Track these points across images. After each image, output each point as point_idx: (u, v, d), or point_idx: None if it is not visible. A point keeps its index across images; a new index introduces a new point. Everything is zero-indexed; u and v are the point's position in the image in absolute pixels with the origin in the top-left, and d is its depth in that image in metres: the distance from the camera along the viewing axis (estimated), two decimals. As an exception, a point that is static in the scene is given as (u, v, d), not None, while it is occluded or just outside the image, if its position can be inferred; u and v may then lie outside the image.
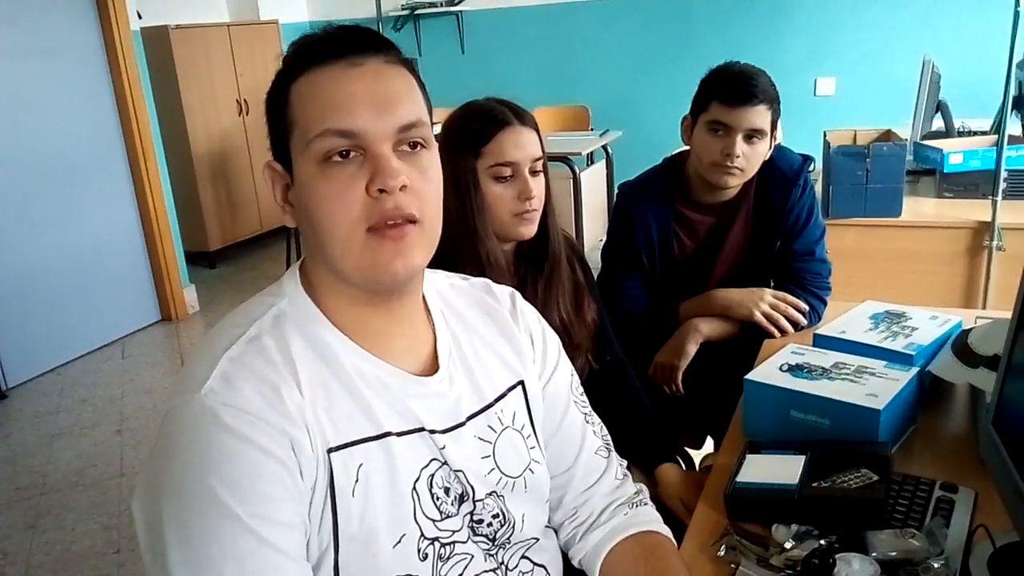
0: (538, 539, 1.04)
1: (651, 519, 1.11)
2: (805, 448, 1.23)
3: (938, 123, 3.22)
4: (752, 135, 1.75)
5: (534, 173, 1.43)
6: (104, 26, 4.12)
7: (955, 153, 2.73)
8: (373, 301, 0.89)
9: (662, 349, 1.89)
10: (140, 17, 4.38)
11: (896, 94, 4.52)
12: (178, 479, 0.78)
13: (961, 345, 1.41)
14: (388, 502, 0.87)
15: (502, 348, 1.04)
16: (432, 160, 0.88)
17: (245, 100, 5.55)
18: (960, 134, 3.17)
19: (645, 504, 1.13)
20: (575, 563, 1.11)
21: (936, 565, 0.98)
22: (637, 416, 1.62)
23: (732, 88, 1.74)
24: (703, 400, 1.88)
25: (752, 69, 1.78)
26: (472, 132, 1.42)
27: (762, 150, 1.78)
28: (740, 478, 1.19)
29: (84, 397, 3.72)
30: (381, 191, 0.82)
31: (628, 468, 1.19)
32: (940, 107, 3.19)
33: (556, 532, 1.13)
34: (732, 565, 1.07)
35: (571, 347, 1.42)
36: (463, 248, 1.38)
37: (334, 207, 0.83)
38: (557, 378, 1.11)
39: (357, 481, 0.85)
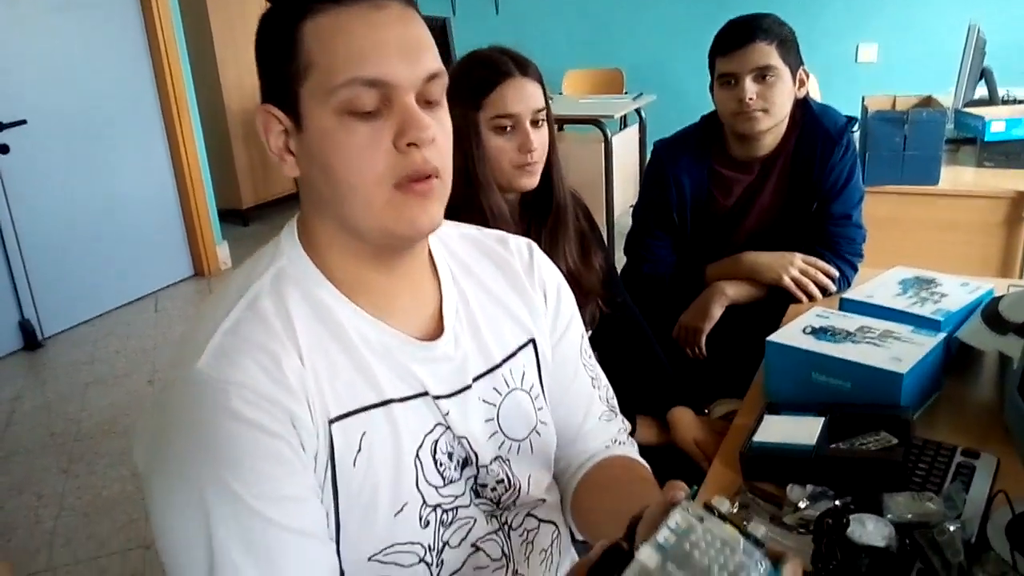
0: (544, 500, 1.02)
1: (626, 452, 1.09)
2: (825, 410, 1.21)
3: (982, 91, 3.13)
4: (762, 73, 1.73)
5: (536, 124, 1.42)
6: (139, -21, 4.13)
7: (997, 121, 2.65)
8: (379, 257, 0.86)
9: (687, 311, 1.87)
10: (175, -29, 4.38)
11: (940, 62, 4.39)
12: (180, 463, 0.77)
13: (991, 312, 1.38)
14: (390, 471, 0.85)
15: (513, 304, 1.00)
16: (447, 114, 0.85)
17: (279, 58, 5.54)
18: (1004, 103, 3.07)
19: (622, 444, 1.11)
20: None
21: (952, 529, 0.96)
22: (648, 361, 1.64)
23: (726, 37, 1.77)
24: (726, 364, 1.86)
25: (751, 14, 1.77)
26: (474, 83, 1.40)
27: (783, 88, 1.75)
28: (757, 438, 1.19)
29: (117, 348, 3.80)
30: (410, 144, 0.79)
31: (642, 416, 1.18)
32: (984, 74, 3.09)
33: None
34: (744, 523, 1.07)
35: (581, 294, 1.42)
36: (467, 201, 1.37)
37: (359, 162, 0.78)
38: (569, 338, 1.06)
39: (359, 451, 0.83)
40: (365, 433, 0.83)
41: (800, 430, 1.17)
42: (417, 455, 0.87)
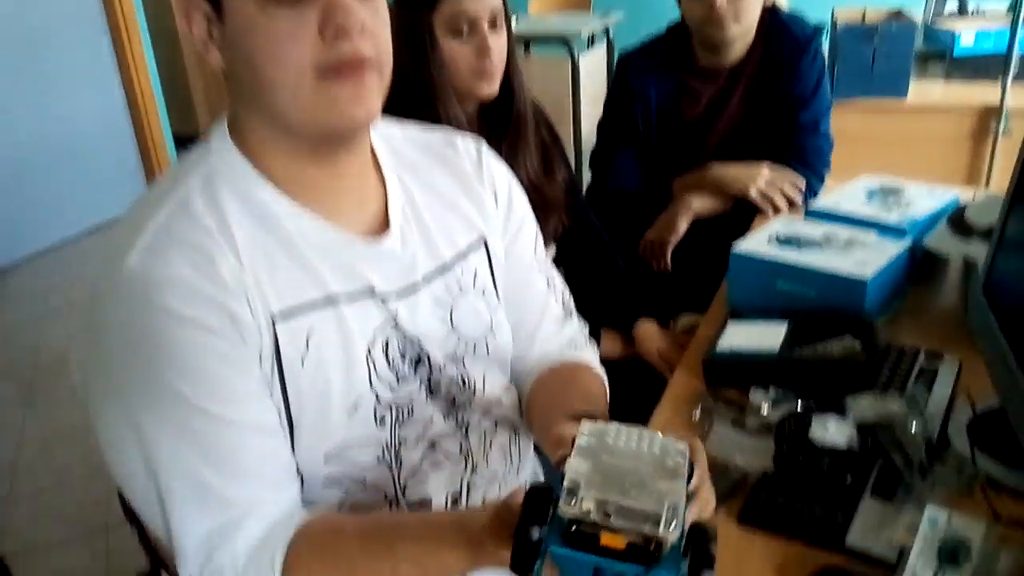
0: (502, 400, 1.01)
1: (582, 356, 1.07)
2: (788, 316, 1.20)
3: (952, 6, 3.09)
4: None
5: (494, 27, 1.35)
6: None
7: (967, 32, 2.62)
8: (317, 153, 0.82)
9: (653, 225, 1.84)
10: None
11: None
12: (118, 371, 0.74)
13: (958, 218, 1.37)
14: (341, 371, 0.83)
15: (462, 204, 0.96)
16: (384, 3, 0.79)
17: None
18: (973, 16, 3.04)
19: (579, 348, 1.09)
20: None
21: (914, 428, 0.96)
22: (612, 275, 1.62)
23: None
24: (692, 277, 1.84)
25: None
26: None
27: None
28: (720, 344, 1.17)
29: (74, 278, 3.70)
30: (338, 33, 0.73)
31: (607, 329, 1.16)
32: (955, -14, 3.05)
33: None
34: (707, 429, 1.06)
35: (543, 206, 1.38)
36: (421, 110, 1.29)
37: (281, 51, 0.73)
38: (522, 239, 1.03)
39: (307, 351, 0.80)
40: (312, 334, 0.81)
41: (764, 336, 1.16)
42: (369, 353, 0.85)
